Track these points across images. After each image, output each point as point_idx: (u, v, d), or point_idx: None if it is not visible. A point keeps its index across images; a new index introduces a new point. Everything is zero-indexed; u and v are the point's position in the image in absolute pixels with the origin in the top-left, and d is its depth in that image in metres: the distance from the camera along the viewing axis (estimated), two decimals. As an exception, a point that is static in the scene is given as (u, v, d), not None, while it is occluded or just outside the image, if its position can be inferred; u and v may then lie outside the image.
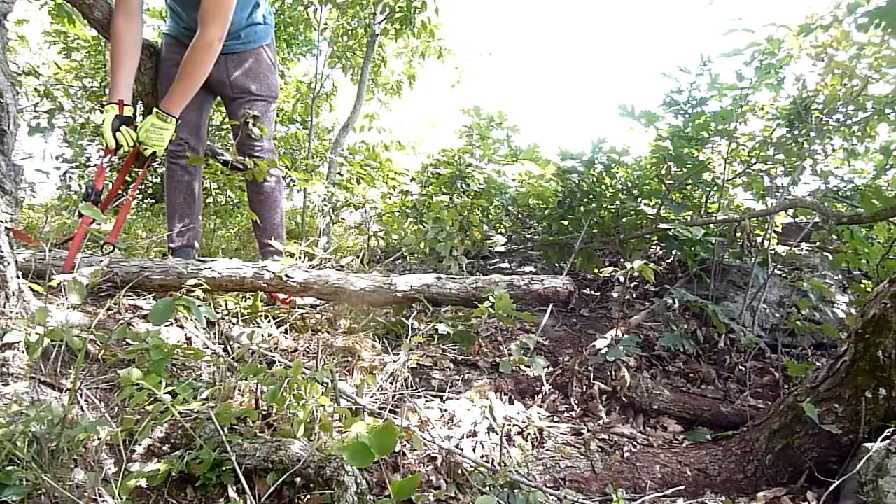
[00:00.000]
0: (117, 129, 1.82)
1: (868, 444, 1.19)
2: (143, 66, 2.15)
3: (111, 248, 1.82)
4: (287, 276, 1.82)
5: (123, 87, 1.87)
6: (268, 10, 2.19)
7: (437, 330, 1.86)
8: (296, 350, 1.76)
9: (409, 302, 1.91)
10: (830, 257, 2.60)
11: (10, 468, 0.95)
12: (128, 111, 1.85)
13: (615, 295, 2.24)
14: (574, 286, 1.94)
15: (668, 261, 2.74)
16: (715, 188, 2.63)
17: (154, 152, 1.89)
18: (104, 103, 1.88)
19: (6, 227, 1.31)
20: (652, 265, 1.84)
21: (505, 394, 1.71)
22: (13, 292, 1.33)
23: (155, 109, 1.90)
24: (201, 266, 1.80)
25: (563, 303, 1.97)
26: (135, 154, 1.89)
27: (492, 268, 2.98)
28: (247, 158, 2.13)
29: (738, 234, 2.60)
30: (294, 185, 5.01)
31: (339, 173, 3.93)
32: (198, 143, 2.19)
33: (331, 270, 1.96)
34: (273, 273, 1.81)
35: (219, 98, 2.25)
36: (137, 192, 1.92)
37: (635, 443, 1.57)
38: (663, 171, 2.58)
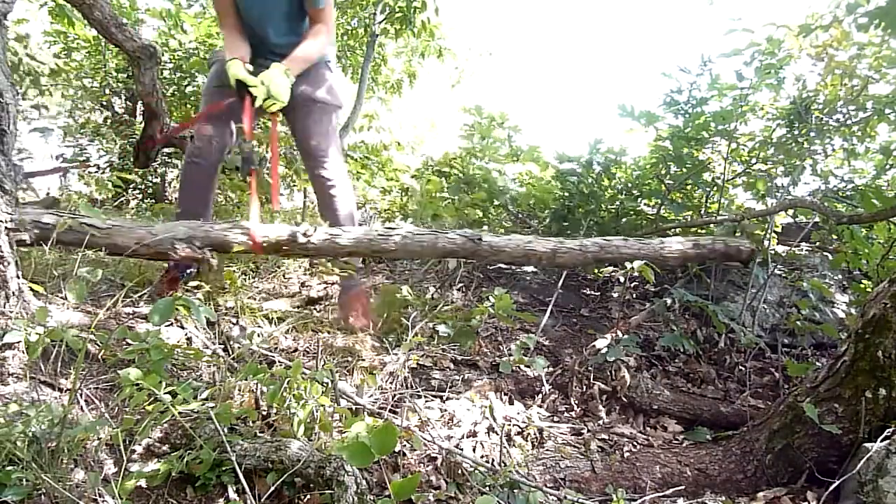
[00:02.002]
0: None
1: (868, 444, 1.19)
2: (143, 65, 2.16)
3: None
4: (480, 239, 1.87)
5: (243, 50, 2.00)
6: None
7: (436, 330, 1.86)
8: (296, 350, 1.76)
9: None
10: (830, 257, 2.60)
11: (10, 468, 0.95)
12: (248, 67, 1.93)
13: (615, 295, 2.24)
14: (754, 246, 2.12)
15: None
16: (715, 188, 2.63)
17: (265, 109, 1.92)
18: (227, 59, 1.94)
19: (6, 227, 1.31)
20: (650, 264, 1.84)
21: (505, 394, 1.71)
22: (13, 292, 1.33)
23: (276, 64, 1.93)
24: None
25: (743, 262, 2.21)
26: (252, 111, 1.93)
27: (492, 267, 2.98)
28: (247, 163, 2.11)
29: (738, 235, 2.60)
30: (294, 186, 5.00)
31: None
32: (224, 146, 2.19)
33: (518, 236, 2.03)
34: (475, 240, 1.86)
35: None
36: (279, 147, 1.97)
37: (635, 443, 1.57)
38: (663, 172, 2.59)
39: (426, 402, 1.58)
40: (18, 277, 1.37)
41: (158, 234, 1.72)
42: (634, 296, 2.63)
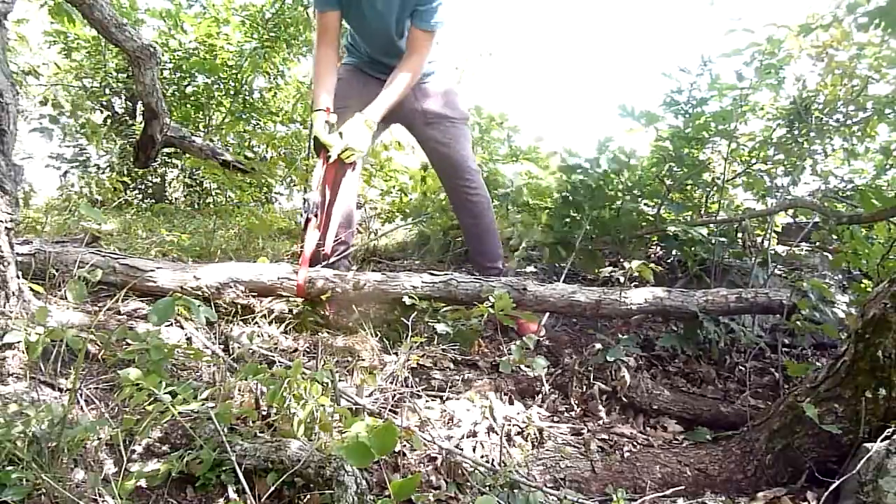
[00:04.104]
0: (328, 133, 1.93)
1: (868, 444, 1.19)
2: (143, 65, 2.17)
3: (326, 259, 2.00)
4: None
5: (327, 97, 2.01)
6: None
7: (436, 330, 1.86)
8: (296, 350, 1.75)
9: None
10: (830, 257, 2.59)
11: (10, 468, 0.95)
12: (331, 118, 1.97)
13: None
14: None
15: (668, 261, 2.74)
16: (715, 188, 2.63)
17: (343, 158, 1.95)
18: (313, 109, 1.98)
19: (6, 227, 1.31)
20: (652, 265, 1.84)
21: (505, 394, 1.71)
22: (13, 292, 1.33)
23: (358, 115, 1.96)
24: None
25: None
26: (329, 165, 1.96)
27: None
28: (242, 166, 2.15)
29: (739, 234, 2.60)
30: (294, 185, 5.00)
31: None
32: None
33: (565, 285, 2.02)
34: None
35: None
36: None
37: (635, 443, 1.57)
38: (664, 172, 2.58)
39: (426, 402, 1.58)
40: (18, 277, 1.37)
41: (201, 278, 1.79)
42: (634, 296, 2.62)
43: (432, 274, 1.97)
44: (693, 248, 2.45)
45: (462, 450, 1.37)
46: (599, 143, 2.60)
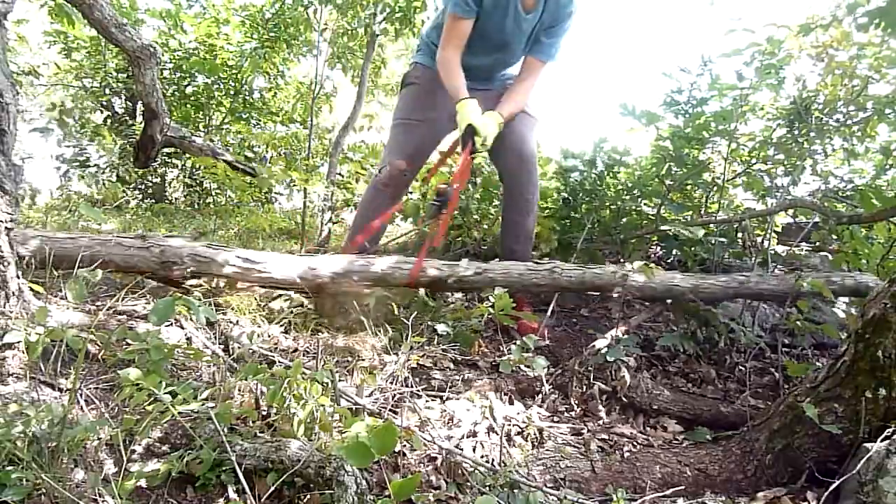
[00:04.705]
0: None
1: (868, 444, 1.19)
2: (143, 65, 2.16)
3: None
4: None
5: (465, 88, 2.01)
6: None
7: (436, 330, 1.86)
8: (296, 350, 1.75)
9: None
10: (830, 257, 2.60)
11: (10, 468, 0.95)
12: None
13: (615, 295, 2.23)
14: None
15: (668, 261, 2.74)
16: (715, 188, 2.63)
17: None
18: (461, 98, 1.98)
19: (6, 227, 1.31)
20: (652, 265, 1.84)
21: (505, 394, 1.71)
22: (13, 292, 1.33)
23: (493, 114, 2.00)
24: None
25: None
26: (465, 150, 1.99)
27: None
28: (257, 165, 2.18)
29: (739, 234, 2.60)
30: (294, 185, 5.00)
31: (340, 174, 3.94)
32: (413, 175, 2.26)
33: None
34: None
35: None
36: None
37: (635, 443, 1.57)
38: (664, 172, 2.58)
39: (426, 402, 1.58)
40: (18, 277, 1.37)
41: (317, 268, 1.85)
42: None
43: (536, 262, 2.01)
44: (693, 248, 2.45)
45: (462, 450, 1.37)
46: (595, 143, 2.60)
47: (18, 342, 1.20)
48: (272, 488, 1.05)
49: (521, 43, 2.09)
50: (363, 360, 1.71)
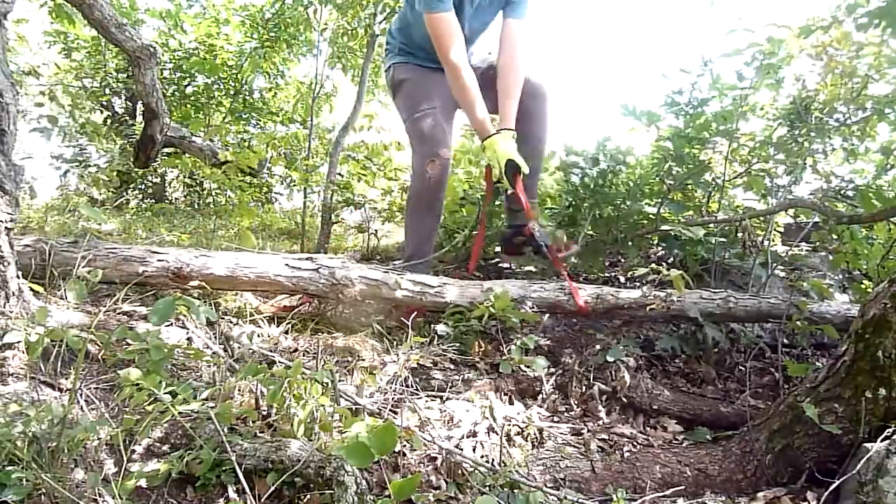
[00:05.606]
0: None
1: (868, 444, 1.19)
2: (143, 65, 2.16)
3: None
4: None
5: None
6: None
7: (436, 330, 1.86)
8: (296, 350, 1.75)
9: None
10: (830, 257, 2.59)
11: (10, 468, 0.95)
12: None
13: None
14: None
15: (669, 261, 2.74)
16: (715, 188, 2.63)
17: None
18: (499, 130, 1.94)
19: (6, 227, 1.31)
20: (653, 265, 1.84)
21: (505, 394, 1.71)
22: (13, 292, 1.33)
23: (503, 130, 1.95)
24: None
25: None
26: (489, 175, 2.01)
27: (491, 266, 2.98)
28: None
29: (739, 234, 2.60)
30: (294, 185, 5.00)
31: (340, 174, 3.94)
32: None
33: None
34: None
35: None
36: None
37: (635, 443, 1.57)
38: (664, 172, 2.58)
39: (426, 402, 1.58)
40: (18, 277, 1.37)
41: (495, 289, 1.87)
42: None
43: (712, 291, 2.02)
44: (693, 248, 2.45)
45: (462, 450, 1.37)
46: (598, 142, 2.60)
47: (18, 342, 1.20)
48: (272, 488, 1.05)
49: (493, 21, 2.05)
50: (363, 360, 1.71)
